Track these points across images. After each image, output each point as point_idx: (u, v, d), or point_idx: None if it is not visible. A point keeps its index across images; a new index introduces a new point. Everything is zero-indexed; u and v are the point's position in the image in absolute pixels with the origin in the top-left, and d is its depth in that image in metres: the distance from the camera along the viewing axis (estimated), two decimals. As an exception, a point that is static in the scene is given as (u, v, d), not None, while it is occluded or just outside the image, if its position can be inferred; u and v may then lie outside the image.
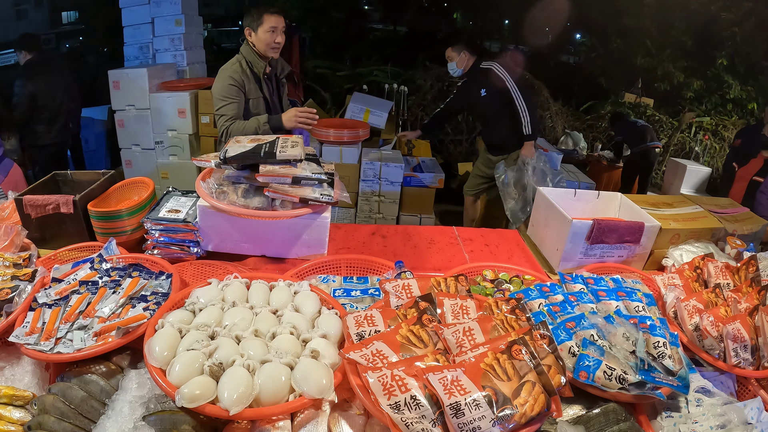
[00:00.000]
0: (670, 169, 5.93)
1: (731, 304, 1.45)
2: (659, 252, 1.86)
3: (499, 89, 3.15)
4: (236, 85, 2.26)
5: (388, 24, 10.97)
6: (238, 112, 2.27)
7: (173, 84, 4.42)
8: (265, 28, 2.25)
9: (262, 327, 1.17)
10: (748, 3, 6.55)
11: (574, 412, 1.13)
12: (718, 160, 6.36)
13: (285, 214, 1.65)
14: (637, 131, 5.23)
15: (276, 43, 2.28)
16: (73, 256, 1.68)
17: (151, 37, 4.74)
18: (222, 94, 2.26)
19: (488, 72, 3.18)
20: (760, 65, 6.94)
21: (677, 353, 1.20)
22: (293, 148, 1.67)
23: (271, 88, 2.43)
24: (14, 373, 1.20)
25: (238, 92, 2.27)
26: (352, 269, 1.68)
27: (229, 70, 2.28)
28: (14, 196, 1.78)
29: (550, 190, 2.06)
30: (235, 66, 2.29)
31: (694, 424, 1.13)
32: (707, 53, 7.04)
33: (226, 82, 2.26)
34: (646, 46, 7.32)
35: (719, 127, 6.79)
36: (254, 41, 2.29)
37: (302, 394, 1.02)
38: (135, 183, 2.01)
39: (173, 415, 1.02)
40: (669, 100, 7.20)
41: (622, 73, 7.54)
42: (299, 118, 2.21)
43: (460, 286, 1.35)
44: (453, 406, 0.90)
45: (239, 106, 2.28)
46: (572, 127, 6.85)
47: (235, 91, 2.26)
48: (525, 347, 1.02)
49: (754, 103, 6.97)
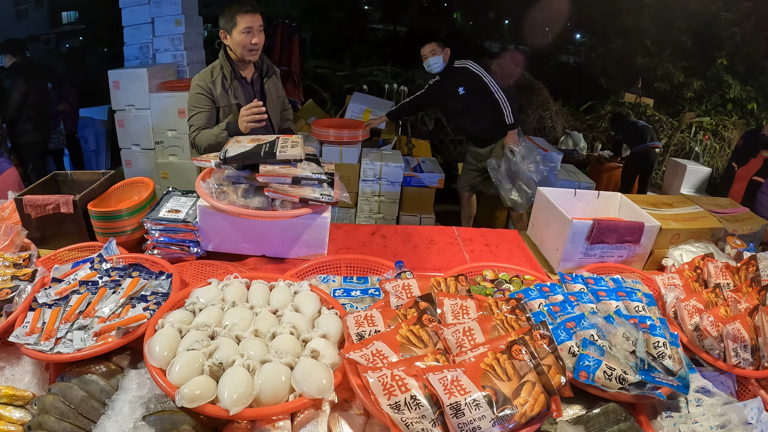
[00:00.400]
0: (670, 169, 5.93)
1: (731, 304, 1.45)
2: (659, 252, 1.86)
3: (477, 85, 3.28)
4: (203, 93, 2.12)
5: (388, 24, 10.97)
6: (207, 121, 2.12)
7: (173, 84, 4.42)
8: (239, 29, 2.05)
9: (262, 327, 1.17)
10: (748, 3, 6.54)
11: (574, 412, 1.13)
12: (718, 160, 6.36)
13: (285, 214, 1.65)
14: (638, 131, 5.24)
15: (252, 44, 2.08)
16: (73, 256, 1.68)
17: (151, 37, 4.74)
18: (190, 103, 2.15)
19: (464, 70, 3.32)
20: (760, 65, 6.94)
21: (677, 353, 1.20)
22: (293, 148, 1.67)
23: (250, 93, 2.23)
24: (14, 373, 1.20)
25: (206, 101, 2.12)
26: (352, 269, 1.68)
27: (197, 79, 2.14)
28: (14, 196, 1.78)
29: (551, 190, 2.06)
30: (205, 74, 2.15)
31: (694, 424, 1.13)
32: (707, 53, 7.04)
33: (194, 90, 2.14)
34: (646, 46, 7.32)
35: (719, 127, 6.79)
36: (230, 44, 2.11)
37: (302, 394, 1.02)
38: (135, 183, 2.01)
39: (173, 415, 1.02)
40: (669, 100, 7.20)
41: (622, 73, 7.55)
42: (246, 118, 1.98)
43: (460, 286, 1.35)
44: (453, 406, 0.90)
45: (208, 115, 2.13)
46: (572, 127, 6.85)
47: (203, 99, 2.12)
48: (525, 347, 1.03)
49: (754, 103, 6.98)
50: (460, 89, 3.35)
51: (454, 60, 3.36)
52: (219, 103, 2.15)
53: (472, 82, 3.28)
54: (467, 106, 3.40)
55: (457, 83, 3.35)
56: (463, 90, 3.34)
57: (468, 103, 3.38)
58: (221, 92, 2.14)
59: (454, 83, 3.37)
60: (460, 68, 3.32)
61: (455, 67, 3.34)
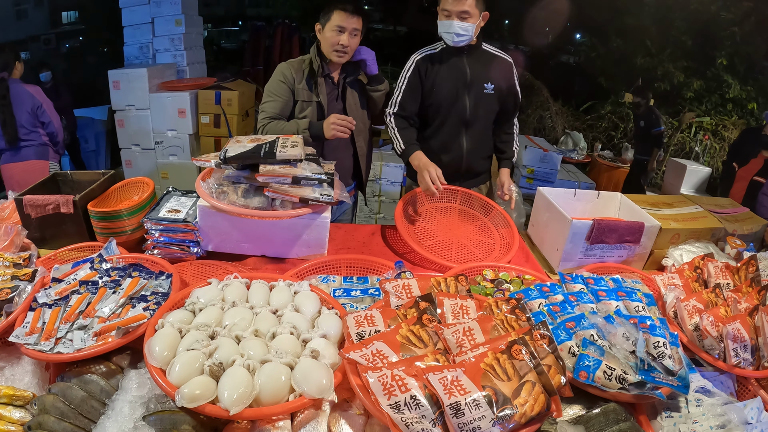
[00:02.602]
0: (670, 169, 5.94)
1: (731, 304, 1.45)
2: (659, 252, 1.86)
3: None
4: (285, 82, 2.07)
5: (388, 24, 10.97)
6: (281, 111, 2.08)
7: (173, 84, 4.43)
8: (331, 25, 1.99)
9: (262, 327, 1.17)
10: (748, 3, 6.54)
11: (574, 412, 1.13)
12: (718, 160, 6.36)
13: (285, 214, 1.65)
14: (654, 114, 5.19)
15: (340, 46, 2.01)
16: (73, 256, 1.68)
17: (151, 37, 4.75)
18: (269, 88, 2.09)
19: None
20: (760, 65, 6.94)
21: (677, 353, 1.20)
22: (293, 148, 1.67)
23: (335, 93, 2.16)
24: (14, 373, 1.20)
25: (285, 90, 2.07)
26: (352, 269, 1.68)
27: (284, 66, 2.10)
28: (14, 196, 1.78)
29: (551, 190, 2.06)
30: (294, 63, 2.11)
31: (694, 424, 1.13)
32: (707, 53, 7.04)
33: (277, 77, 2.09)
34: (646, 46, 7.32)
35: (719, 127, 6.79)
36: (321, 39, 2.07)
37: (302, 394, 1.02)
38: (135, 183, 2.01)
39: (173, 415, 1.02)
40: (669, 100, 7.20)
41: (622, 73, 7.54)
42: (337, 127, 1.94)
43: (460, 286, 1.35)
44: (453, 406, 0.90)
45: (284, 105, 2.08)
46: (572, 127, 6.86)
47: (283, 88, 2.07)
48: (525, 347, 1.03)
49: (754, 103, 6.97)
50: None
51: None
52: (299, 97, 2.10)
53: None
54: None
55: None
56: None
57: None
58: (304, 86, 2.10)
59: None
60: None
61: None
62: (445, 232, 2.00)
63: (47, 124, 3.40)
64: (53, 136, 3.47)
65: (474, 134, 2.23)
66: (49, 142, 3.47)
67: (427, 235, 1.97)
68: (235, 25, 10.70)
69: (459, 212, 2.13)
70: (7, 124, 3.27)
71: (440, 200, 2.12)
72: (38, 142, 3.40)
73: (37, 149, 3.41)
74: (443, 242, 1.93)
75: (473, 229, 2.05)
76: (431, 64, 2.16)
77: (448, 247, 1.91)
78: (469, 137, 2.22)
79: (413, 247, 1.78)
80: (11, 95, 3.27)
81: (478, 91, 2.16)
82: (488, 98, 2.19)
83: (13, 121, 3.28)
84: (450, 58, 2.15)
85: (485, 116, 2.24)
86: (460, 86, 2.15)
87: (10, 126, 3.28)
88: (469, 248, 1.92)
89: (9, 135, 3.29)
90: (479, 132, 2.24)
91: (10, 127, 3.28)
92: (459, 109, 2.17)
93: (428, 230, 2.00)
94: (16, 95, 3.28)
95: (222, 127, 4.37)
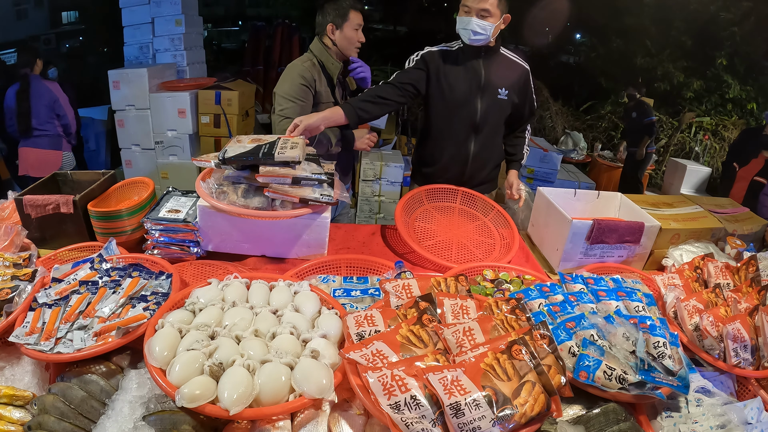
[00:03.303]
0: (670, 169, 5.94)
1: (731, 304, 1.45)
2: (659, 252, 1.86)
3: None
4: (307, 85, 2.04)
5: (388, 24, 10.95)
6: (301, 114, 2.01)
7: (173, 84, 4.43)
8: (352, 24, 2.08)
9: (262, 327, 1.17)
10: (747, 3, 6.54)
11: (574, 412, 1.13)
12: (718, 160, 6.37)
13: (285, 215, 1.65)
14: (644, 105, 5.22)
15: (360, 43, 2.14)
16: (73, 256, 1.68)
17: (151, 37, 4.75)
18: (289, 93, 2.03)
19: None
20: (759, 65, 6.94)
21: (677, 353, 1.20)
22: (292, 150, 1.66)
23: (343, 93, 2.23)
24: (14, 373, 1.20)
25: (307, 93, 2.05)
26: (352, 269, 1.68)
27: (299, 68, 2.06)
28: (14, 196, 1.78)
29: (551, 190, 2.06)
30: (307, 64, 2.08)
31: (694, 424, 1.13)
32: (707, 53, 7.04)
33: (297, 81, 2.03)
34: (646, 46, 7.32)
35: (719, 127, 6.79)
36: (336, 39, 2.09)
37: (302, 394, 1.02)
38: (135, 183, 2.01)
39: (173, 415, 1.02)
40: (669, 100, 7.21)
41: (622, 73, 7.54)
42: (366, 140, 2.22)
43: (460, 286, 1.35)
44: (453, 406, 0.90)
45: (306, 109, 2.04)
46: (572, 127, 6.86)
47: (305, 92, 2.04)
48: (525, 347, 1.03)
49: (753, 103, 6.98)
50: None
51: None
52: (321, 99, 2.11)
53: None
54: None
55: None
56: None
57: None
58: (324, 87, 2.12)
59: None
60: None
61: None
62: (445, 232, 2.00)
63: (62, 116, 3.76)
64: (67, 128, 3.82)
65: (482, 140, 2.18)
66: (63, 133, 3.82)
67: (427, 235, 1.96)
68: (235, 25, 10.68)
69: (459, 212, 2.13)
70: (23, 116, 3.62)
71: (440, 200, 2.12)
72: (53, 132, 3.76)
73: (52, 139, 3.77)
74: (443, 242, 1.93)
75: (473, 229, 2.05)
76: (443, 62, 2.10)
77: (448, 247, 1.91)
78: (476, 142, 2.17)
79: (413, 247, 1.78)
80: (31, 89, 3.63)
81: (491, 96, 2.10)
82: (501, 104, 2.13)
83: (29, 113, 3.62)
84: (466, 58, 2.08)
85: (496, 122, 2.18)
86: (473, 88, 2.09)
87: (25, 117, 3.63)
88: (469, 248, 1.92)
89: (23, 125, 3.64)
90: (487, 138, 2.19)
91: (25, 118, 3.63)
92: (470, 112, 2.12)
93: (428, 230, 1.99)
94: (35, 90, 3.65)
95: (222, 127, 4.37)
